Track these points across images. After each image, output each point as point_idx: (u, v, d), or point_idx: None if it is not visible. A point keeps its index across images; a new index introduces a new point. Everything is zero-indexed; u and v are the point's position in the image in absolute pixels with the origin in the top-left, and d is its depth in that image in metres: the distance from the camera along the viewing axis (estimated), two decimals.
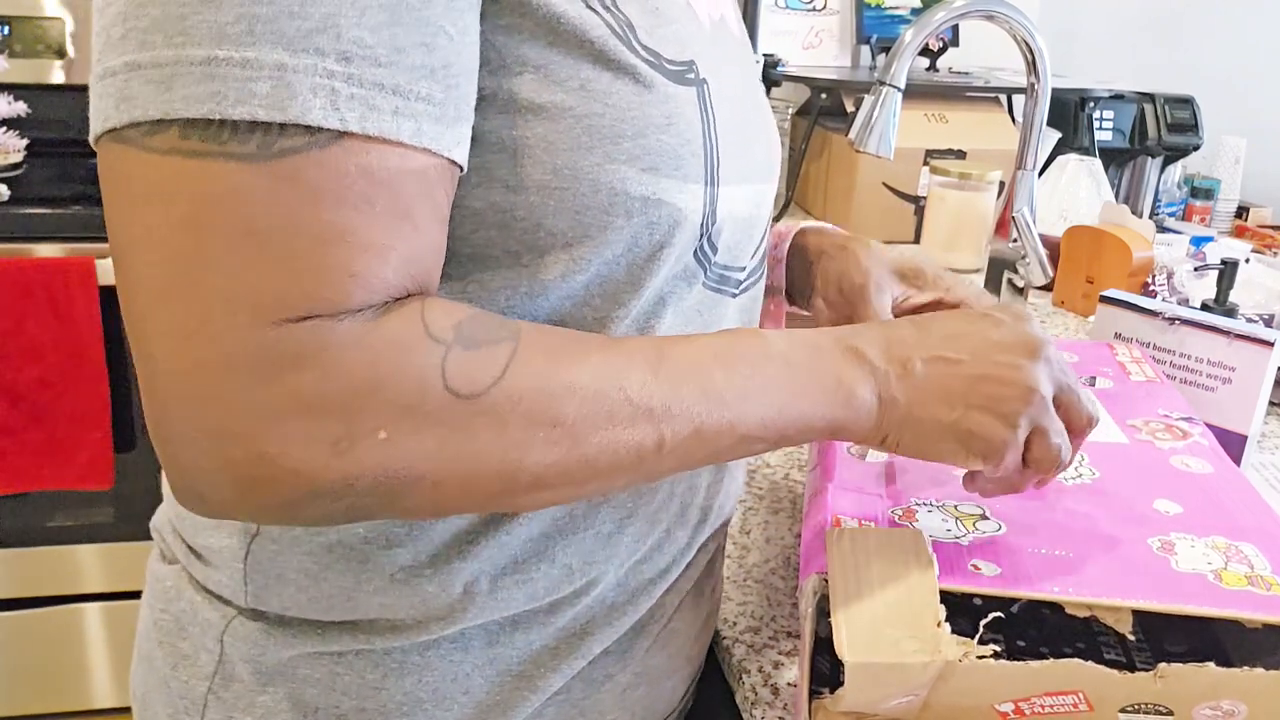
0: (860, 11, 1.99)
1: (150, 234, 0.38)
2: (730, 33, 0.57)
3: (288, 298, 0.37)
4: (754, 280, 0.59)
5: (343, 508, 0.40)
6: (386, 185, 0.39)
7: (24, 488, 1.59)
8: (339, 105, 0.37)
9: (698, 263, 0.52)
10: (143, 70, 0.37)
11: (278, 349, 0.37)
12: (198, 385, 0.38)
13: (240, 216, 0.37)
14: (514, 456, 0.41)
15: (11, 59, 1.75)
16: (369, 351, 0.38)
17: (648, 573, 0.56)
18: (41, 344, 1.52)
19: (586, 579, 0.53)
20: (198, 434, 0.38)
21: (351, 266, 0.38)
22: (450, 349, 0.40)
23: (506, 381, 0.41)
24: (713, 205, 0.50)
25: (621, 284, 0.48)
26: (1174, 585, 0.50)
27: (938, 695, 0.48)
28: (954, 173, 1.52)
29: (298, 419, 0.38)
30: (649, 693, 0.59)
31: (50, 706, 1.76)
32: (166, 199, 0.37)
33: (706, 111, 0.49)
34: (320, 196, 0.38)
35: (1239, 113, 1.94)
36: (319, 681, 0.52)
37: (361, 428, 0.38)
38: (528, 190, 0.45)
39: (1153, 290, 1.25)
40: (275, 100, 0.37)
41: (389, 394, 0.39)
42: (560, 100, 0.44)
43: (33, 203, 1.54)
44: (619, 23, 0.45)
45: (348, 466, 0.39)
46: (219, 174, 0.37)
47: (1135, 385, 0.76)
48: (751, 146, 0.55)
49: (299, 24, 0.37)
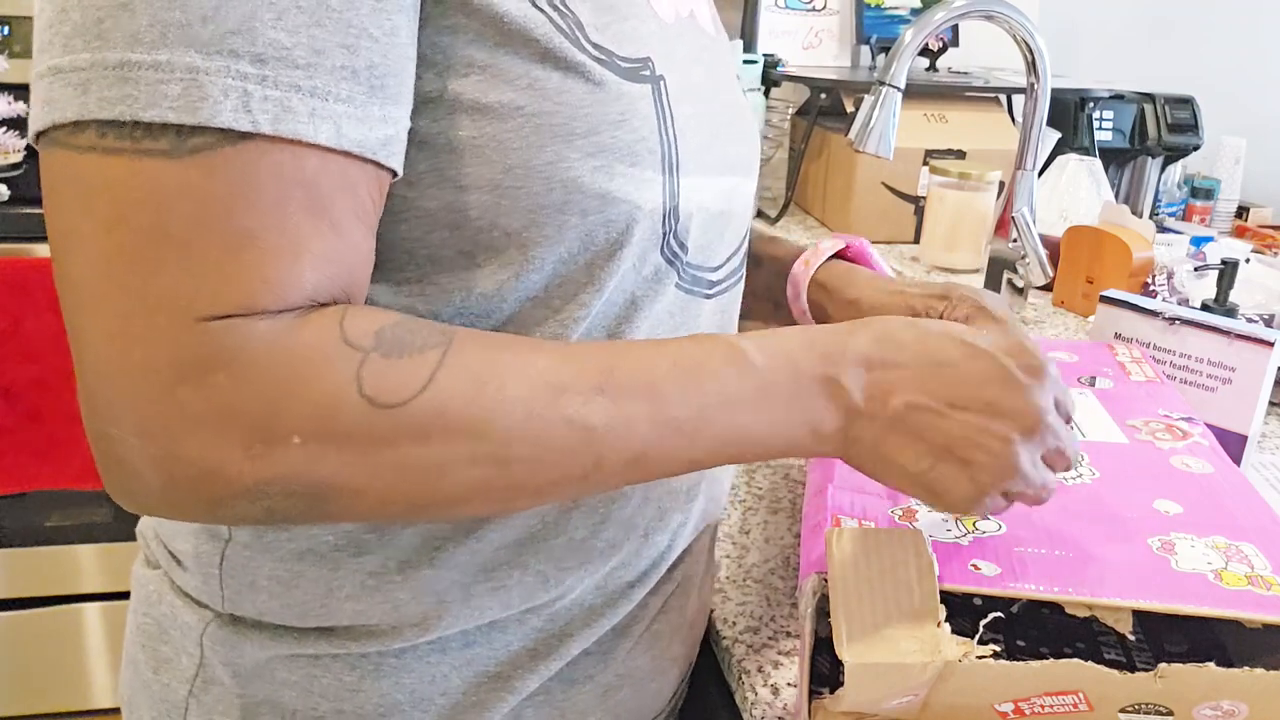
0: (860, 11, 1.99)
1: (77, 234, 0.38)
2: (699, 28, 0.56)
3: (200, 299, 0.38)
4: (730, 282, 0.58)
5: (260, 510, 0.40)
6: (302, 186, 0.39)
7: (22, 487, 1.59)
8: (250, 107, 0.37)
9: (668, 263, 0.51)
10: (63, 74, 0.38)
11: (193, 350, 0.38)
12: (122, 385, 0.38)
13: (156, 216, 0.37)
14: (434, 473, 0.40)
15: (11, 59, 1.75)
16: (282, 357, 0.38)
17: (626, 576, 0.56)
18: (40, 344, 1.52)
19: (561, 585, 0.53)
20: (123, 432, 0.39)
21: (263, 269, 0.38)
22: (368, 356, 0.40)
23: (429, 393, 0.40)
24: (673, 201, 0.49)
25: (581, 283, 0.48)
26: (1174, 585, 0.50)
27: (938, 695, 0.48)
28: (954, 173, 1.52)
29: (212, 421, 0.38)
30: (633, 694, 0.59)
31: (49, 706, 1.76)
32: (89, 197, 0.38)
33: (662, 108, 0.49)
34: (232, 197, 0.38)
35: (1239, 113, 1.94)
36: (296, 684, 0.52)
37: (274, 433, 0.38)
38: (480, 189, 0.44)
39: (1153, 290, 1.24)
40: (186, 102, 0.37)
41: (300, 401, 0.39)
42: (510, 99, 0.44)
43: (32, 203, 1.54)
44: (567, 21, 0.45)
45: (260, 471, 0.39)
46: (136, 172, 0.37)
47: (1135, 385, 0.76)
48: (720, 141, 0.54)
49: (213, 28, 0.37)
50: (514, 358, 0.42)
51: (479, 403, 0.40)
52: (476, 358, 0.41)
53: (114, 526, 1.69)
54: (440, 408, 0.40)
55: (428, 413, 0.40)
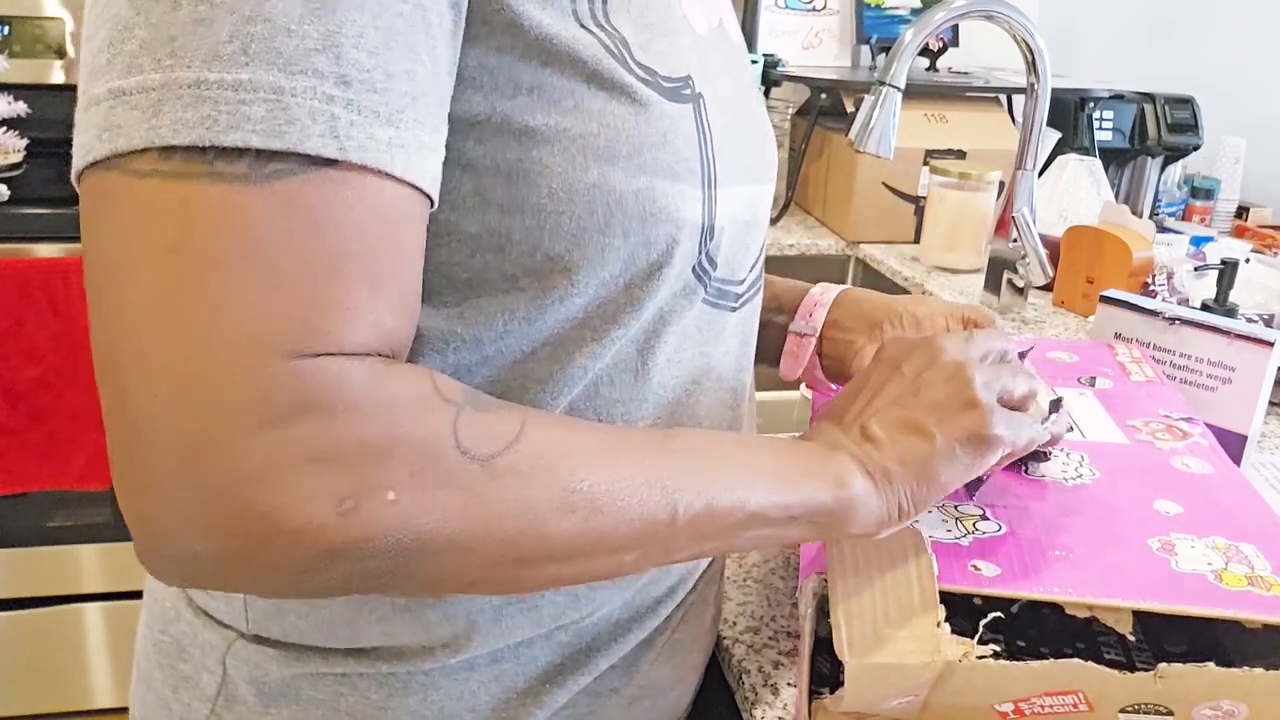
0: (860, 11, 1.99)
1: (130, 262, 0.34)
2: (728, 37, 0.56)
3: (286, 333, 0.34)
4: (752, 293, 0.59)
5: (343, 575, 0.37)
6: (381, 218, 0.37)
7: (23, 488, 1.59)
8: (338, 133, 0.35)
9: (697, 278, 0.51)
10: (128, 97, 0.35)
11: (283, 388, 0.34)
12: (182, 431, 0.34)
13: (232, 241, 0.34)
14: (532, 522, 0.39)
15: (11, 59, 1.75)
16: (380, 403, 0.36)
17: (655, 592, 0.56)
18: (41, 344, 1.52)
19: (592, 603, 0.53)
20: (183, 488, 0.34)
21: (350, 298, 0.36)
22: (462, 410, 0.39)
23: (521, 445, 0.40)
24: (711, 219, 0.49)
25: (621, 304, 0.48)
26: (1174, 585, 0.50)
27: (938, 695, 0.48)
28: (954, 173, 1.52)
29: (302, 470, 0.34)
30: (654, 704, 0.59)
31: (50, 706, 1.76)
32: (150, 222, 0.34)
33: (703, 127, 0.48)
34: (318, 223, 0.35)
35: (1239, 113, 1.94)
36: (323, 702, 0.51)
37: (371, 485, 0.36)
38: (524, 213, 0.44)
39: (1153, 290, 1.24)
40: (271, 125, 0.34)
41: (402, 451, 0.36)
42: (555, 122, 0.43)
43: (32, 203, 1.54)
44: (614, 41, 0.44)
45: (353, 528, 0.35)
46: (206, 197, 0.34)
47: (1135, 385, 0.76)
48: (748, 149, 0.54)
49: (297, 43, 0.35)
50: (577, 422, 0.44)
51: (565, 453, 0.41)
52: (552, 419, 0.43)
53: (115, 527, 1.69)
54: (533, 457, 0.40)
55: (521, 463, 0.39)
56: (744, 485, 0.45)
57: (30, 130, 1.70)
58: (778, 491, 0.46)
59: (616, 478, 0.42)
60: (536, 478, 0.40)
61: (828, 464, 0.48)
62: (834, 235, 1.74)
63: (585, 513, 0.41)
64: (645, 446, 0.44)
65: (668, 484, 0.43)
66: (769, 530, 0.46)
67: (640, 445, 0.44)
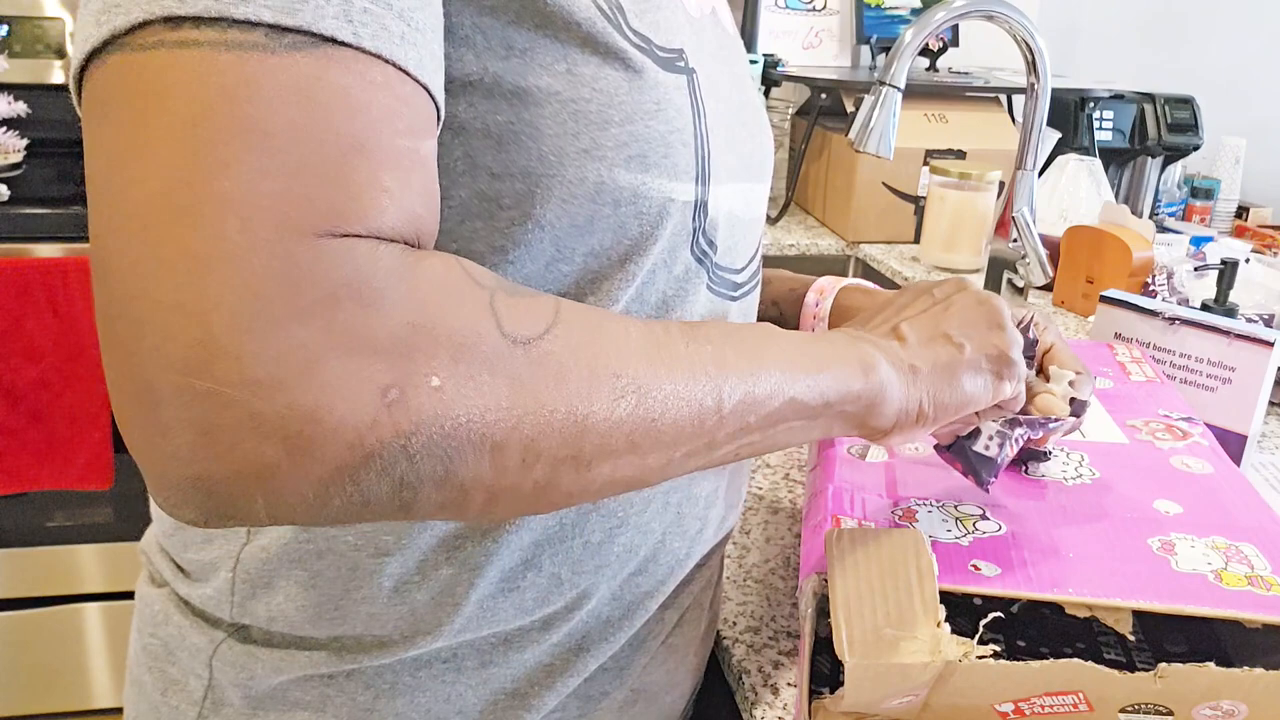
0: (860, 11, 1.99)
1: (142, 144, 0.31)
2: (722, 27, 0.56)
3: (316, 207, 0.32)
4: (751, 285, 0.59)
5: (392, 481, 0.33)
6: (406, 107, 0.35)
7: (24, 488, 1.59)
8: (352, 18, 0.33)
9: (698, 262, 0.51)
10: None
11: (313, 271, 0.31)
12: (206, 321, 0.30)
13: (257, 112, 0.31)
14: (580, 408, 0.37)
15: (11, 59, 1.75)
16: (415, 287, 0.34)
17: (643, 585, 0.55)
18: (41, 344, 1.52)
19: (577, 590, 0.52)
20: (208, 391, 0.30)
21: (382, 179, 0.34)
22: (495, 293, 0.36)
23: (560, 328, 0.37)
24: (704, 197, 0.49)
25: (611, 277, 0.47)
26: (1174, 585, 0.50)
27: (938, 695, 0.48)
28: (954, 173, 1.52)
29: (342, 360, 0.31)
30: (647, 709, 0.59)
31: (50, 706, 1.76)
32: (161, 97, 0.31)
33: (697, 101, 0.48)
34: (341, 102, 0.33)
35: (1239, 113, 1.94)
36: (310, 704, 0.51)
37: (413, 372, 0.33)
38: (514, 177, 0.43)
39: (1153, 290, 1.24)
40: (283, 1, 0.32)
41: (442, 336, 0.34)
42: (547, 85, 0.42)
43: (32, 203, 1.54)
44: (609, 5, 0.44)
45: (400, 420, 0.32)
46: (225, 63, 0.31)
47: (1135, 385, 0.76)
48: (743, 144, 0.54)
49: None
50: (614, 314, 0.42)
51: (605, 338, 0.39)
52: (583, 307, 0.40)
53: (114, 527, 1.69)
54: (575, 341, 0.38)
55: (562, 347, 0.37)
56: (780, 369, 0.45)
57: (30, 130, 1.70)
58: (812, 375, 0.46)
59: (659, 364, 0.40)
60: (581, 362, 0.37)
61: (855, 349, 0.48)
62: (834, 235, 1.74)
63: (635, 399, 0.38)
64: (680, 335, 0.43)
65: (710, 369, 0.42)
66: (804, 421, 0.46)
67: (676, 334, 0.42)
